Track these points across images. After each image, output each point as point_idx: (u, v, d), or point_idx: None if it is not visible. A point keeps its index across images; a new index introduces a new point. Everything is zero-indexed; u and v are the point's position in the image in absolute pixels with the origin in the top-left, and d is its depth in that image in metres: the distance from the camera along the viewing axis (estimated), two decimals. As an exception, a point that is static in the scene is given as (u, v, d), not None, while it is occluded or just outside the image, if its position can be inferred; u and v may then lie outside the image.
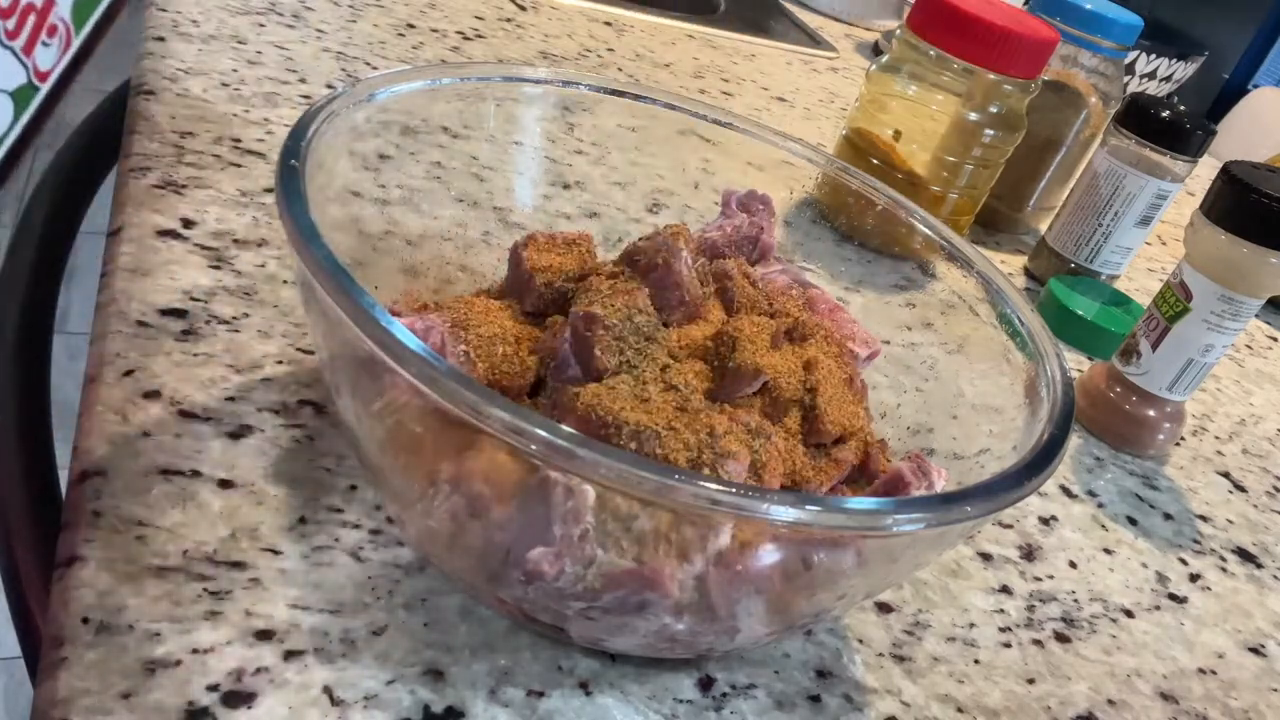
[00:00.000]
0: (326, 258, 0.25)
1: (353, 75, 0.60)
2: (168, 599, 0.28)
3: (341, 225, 0.34)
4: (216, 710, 0.26)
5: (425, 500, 0.28)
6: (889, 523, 0.24)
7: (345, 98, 0.33)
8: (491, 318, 0.33)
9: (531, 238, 0.36)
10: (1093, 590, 0.41)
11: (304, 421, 0.35)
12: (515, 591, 0.27)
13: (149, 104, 0.50)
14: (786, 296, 0.37)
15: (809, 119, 0.81)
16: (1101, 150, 0.63)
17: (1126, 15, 0.66)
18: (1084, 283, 0.63)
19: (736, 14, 1.03)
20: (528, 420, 0.22)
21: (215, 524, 0.30)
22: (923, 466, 0.31)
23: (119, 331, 0.36)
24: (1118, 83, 0.68)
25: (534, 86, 0.40)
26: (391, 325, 0.24)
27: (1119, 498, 0.48)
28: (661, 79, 0.78)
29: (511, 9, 0.82)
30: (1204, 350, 0.49)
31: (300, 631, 0.28)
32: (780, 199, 0.41)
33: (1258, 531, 0.49)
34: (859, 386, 0.36)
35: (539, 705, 0.29)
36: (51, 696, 0.25)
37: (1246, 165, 0.48)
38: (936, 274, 0.39)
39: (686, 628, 0.28)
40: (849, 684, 0.33)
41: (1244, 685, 0.39)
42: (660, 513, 0.25)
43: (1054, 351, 0.33)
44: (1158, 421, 0.51)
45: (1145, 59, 1.04)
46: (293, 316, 0.40)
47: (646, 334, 0.32)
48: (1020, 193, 0.72)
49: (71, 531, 0.29)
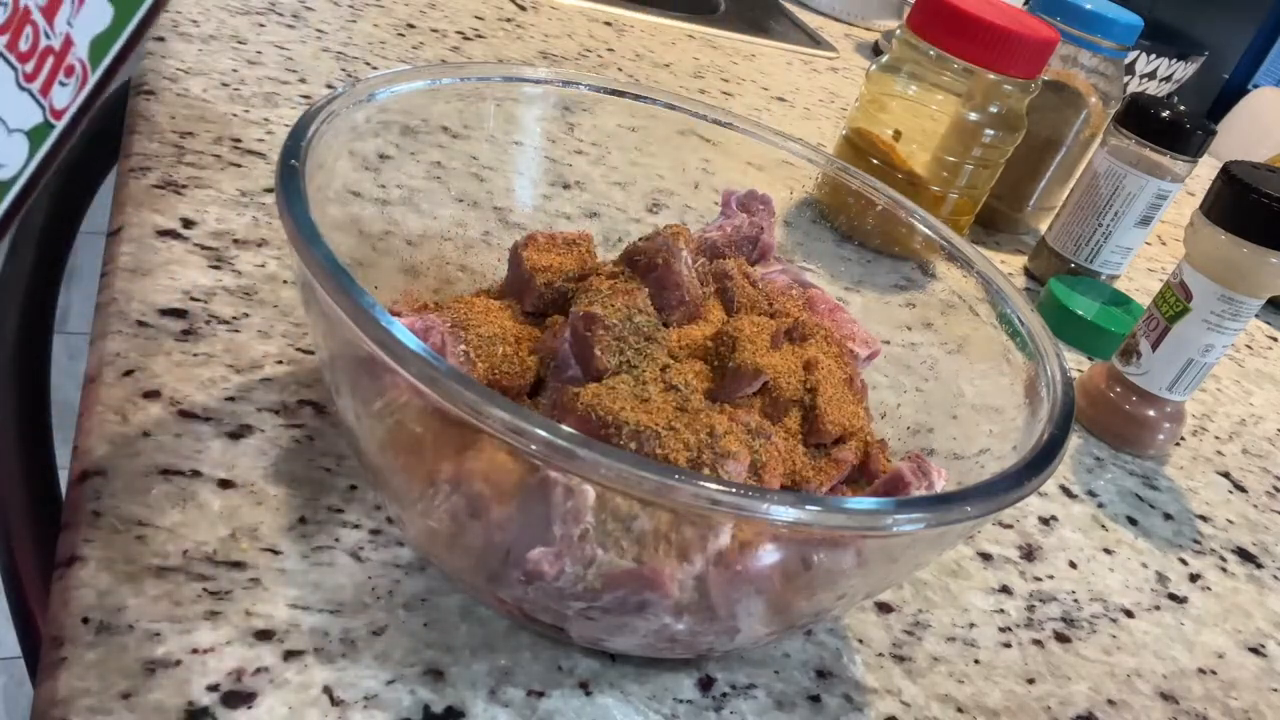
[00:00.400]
0: (326, 258, 0.25)
1: (353, 75, 0.60)
2: (168, 599, 0.28)
3: (341, 225, 0.34)
4: (216, 710, 0.26)
5: (425, 500, 0.28)
6: (889, 523, 0.24)
7: (345, 98, 0.33)
8: (491, 318, 0.33)
9: (531, 238, 0.36)
10: (1093, 590, 0.41)
11: (304, 421, 0.35)
12: (515, 591, 0.27)
13: (149, 104, 0.50)
14: (786, 296, 0.37)
15: (809, 119, 0.81)
16: (1101, 150, 0.63)
17: (1126, 15, 0.66)
18: (1084, 283, 0.63)
19: (736, 14, 1.03)
20: (528, 420, 0.22)
21: (215, 524, 0.30)
22: (923, 466, 0.31)
23: (119, 331, 0.36)
24: (1118, 83, 0.68)
25: (534, 86, 0.40)
26: (391, 325, 0.24)
27: (1119, 498, 0.48)
28: (661, 79, 0.78)
29: (511, 9, 0.82)
30: (1204, 350, 0.49)
31: (300, 631, 0.28)
32: (780, 199, 0.41)
33: (1258, 531, 0.49)
34: (859, 386, 0.36)
35: (539, 705, 0.29)
36: (51, 696, 0.25)
37: (1246, 165, 0.48)
38: (936, 274, 0.39)
39: (686, 628, 0.28)
40: (849, 684, 0.33)
41: (1244, 685, 0.39)
42: (660, 513, 0.25)
43: (1054, 351, 0.33)
44: (1158, 421, 0.51)
45: (1145, 59, 1.04)
46: (293, 316, 0.40)
47: (646, 334, 0.32)
48: (1020, 193, 0.72)
49: (71, 531, 0.29)
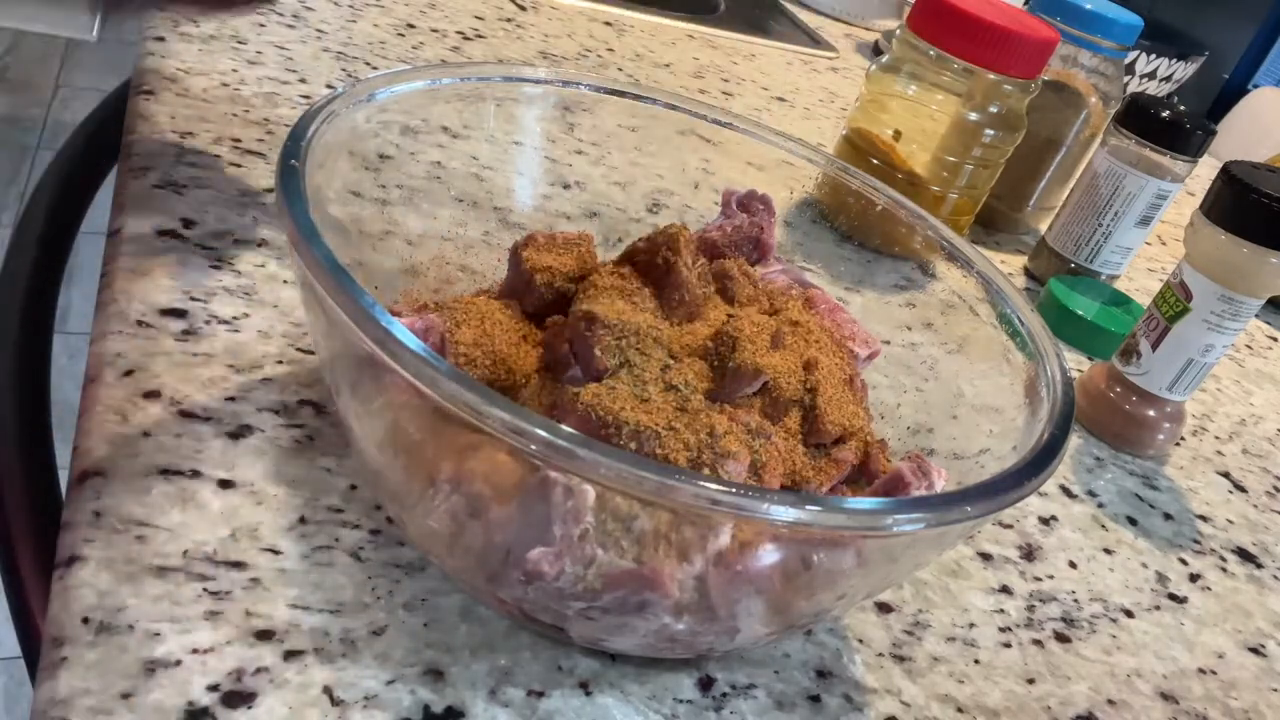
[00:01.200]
0: (326, 258, 0.25)
1: (353, 75, 0.60)
2: (168, 599, 0.28)
3: (341, 225, 0.34)
4: (216, 710, 0.26)
5: (425, 500, 0.28)
6: (889, 523, 0.24)
7: (345, 98, 0.33)
8: (492, 318, 0.33)
9: (531, 238, 0.36)
10: (1093, 590, 0.41)
11: (304, 421, 0.35)
12: (515, 591, 0.27)
13: (149, 104, 0.50)
14: (786, 296, 0.37)
15: (809, 119, 0.81)
16: (1101, 150, 0.63)
17: (1126, 15, 0.66)
18: (1084, 283, 0.63)
19: (736, 14, 1.03)
20: (528, 420, 0.22)
21: (215, 524, 0.30)
22: (923, 466, 0.31)
23: (119, 331, 0.36)
24: (1118, 83, 0.68)
25: (534, 86, 0.40)
26: (391, 325, 0.24)
27: (1119, 498, 0.48)
28: (661, 79, 0.78)
29: (511, 9, 0.82)
30: (1204, 350, 0.49)
31: (300, 631, 0.28)
32: (780, 199, 0.41)
33: (1258, 531, 0.49)
34: (859, 386, 0.36)
35: (539, 705, 0.29)
36: (51, 696, 0.25)
37: (1246, 165, 0.48)
38: (936, 274, 0.39)
39: (686, 628, 0.28)
40: (849, 684, 0.33)
41: (1244, 685, 0.39)
42: (660, 513, 0.25)
43: (1054, 351, 0.33)
44: (1158, 421, 0.51)
45: (1145, 59, 1.04)
46: (293, 316, 0.40)
47: (646, 334, 0.32)
48: (1020, 193, 0.72)
49: (71, 531, 0.29)
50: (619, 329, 0.31)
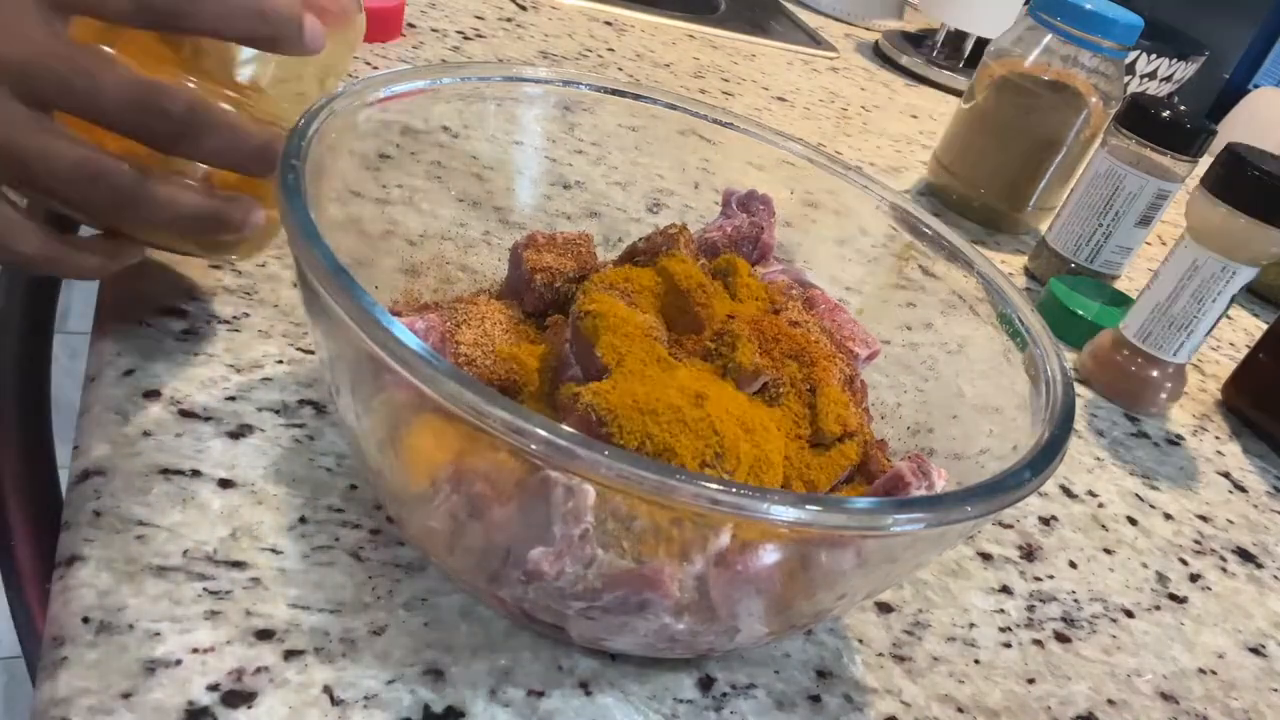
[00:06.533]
0: (326, 257, 0.25)
1: (353, 75, 0.60)
2: (168, 599, 0.28)
3: (341, 225, 0.34)
4: (216, 710, 0.26)
5: (425, 500, 0.28)
6: (889, 523, 0.24)
7: (345, 98, 0.33)
8: (492, 318, 0.33)
9: (531, 238, 0.36)
10: (1093, 590, 0.41)
11: (304, 421, 0.35)
12: (515, 591, 0.27)
13: (149, 104, 0.50)
14: (786, 296, 0.37)
15: (809, 119, 0.81)
16: (1101, 150, 0.63)
17: (1126, 15, 0.66)
18: (1084, 283, 0.63)
19: (736, 14, 1.03)
20: (528, 420, 0.22)
21: (215, 524, 0.30)
22: (923, 466, 0.31)
23: (119, 331, 0.36)
24: (1118, 83, 0.68)
25: (534, 86, 0.40)
26: (391, 325, 0.24)
27: (1119, 498, 0.48)
28: (661, 79, 0.78)
29: (511, 9, 0.82)
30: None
31: (300, 631, 0.28)
32: (780, 199, 0.41)
33: (1258, 531, 0.49)
34: (859, 386, 0.36)
35: (539, 705, 0.29)
36: (51, 696, 0.25)
37: (1250, 147, 0.51)
38: (936, 274, 0.39)
39: (687, 628, 0.28)
40: (849, 684, 0.33)
41: (1244, 685, 0.39)
42: (660, 512, 0.25)
43: (1054, 351, 0.33)
44: (1160, 382, 0.55)
45: (1145, 59, 1.04)
46: (293, 316, 0.40)
47: (647, 334, 0.32)
48: (1020, 193, 0.72)
49: (71, 531, 0.29)
50: (618, 328, 0.31)
